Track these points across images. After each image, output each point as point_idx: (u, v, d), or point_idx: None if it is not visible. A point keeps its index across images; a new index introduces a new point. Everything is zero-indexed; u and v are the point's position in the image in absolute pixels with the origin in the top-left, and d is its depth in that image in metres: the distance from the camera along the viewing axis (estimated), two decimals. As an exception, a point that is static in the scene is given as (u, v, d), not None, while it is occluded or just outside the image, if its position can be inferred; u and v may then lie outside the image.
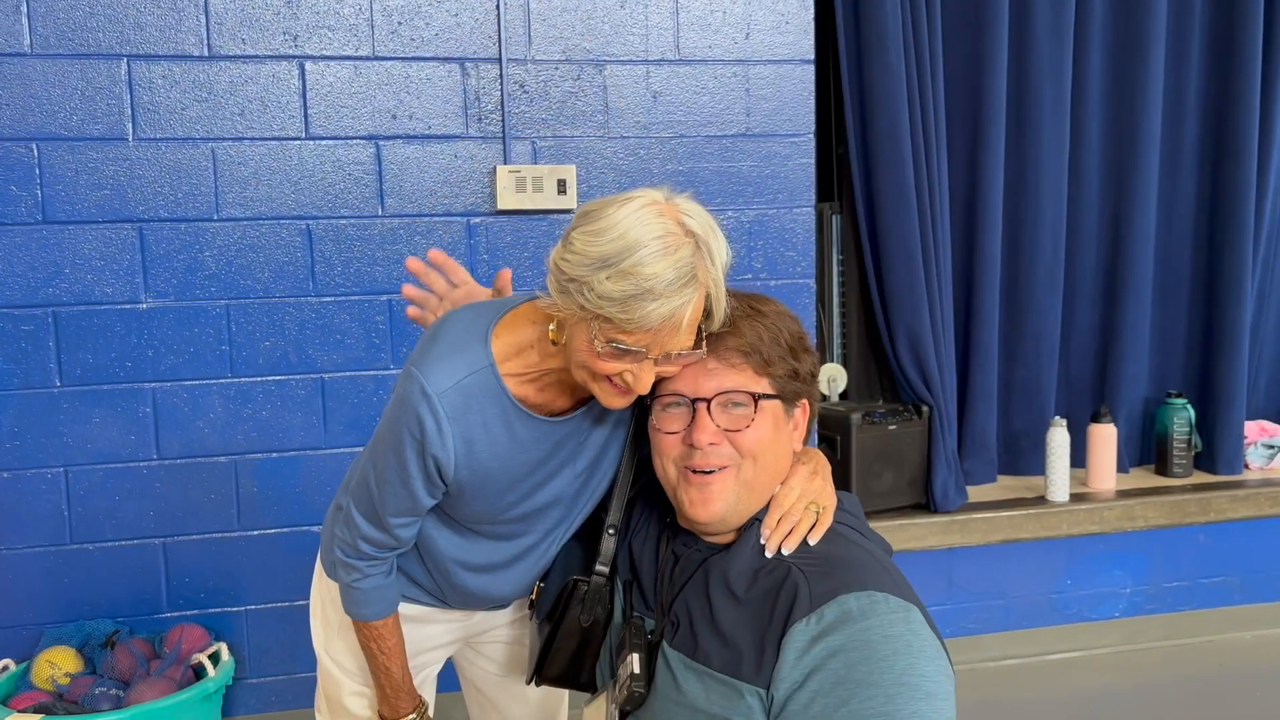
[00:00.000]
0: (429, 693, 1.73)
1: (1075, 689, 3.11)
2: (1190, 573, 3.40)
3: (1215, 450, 3.47)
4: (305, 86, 2.64)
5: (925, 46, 3.03)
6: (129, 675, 2.46)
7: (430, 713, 1.73)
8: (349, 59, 2.66)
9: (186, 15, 2.57)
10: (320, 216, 2.68)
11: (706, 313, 1.27)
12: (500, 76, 2.73)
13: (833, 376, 3.27)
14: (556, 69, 2.76)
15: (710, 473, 1.28)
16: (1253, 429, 3.58)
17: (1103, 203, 3.40)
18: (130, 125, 2.57)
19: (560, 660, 1.50)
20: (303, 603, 2.76)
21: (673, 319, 1.20)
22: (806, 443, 1.40)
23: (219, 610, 2.73)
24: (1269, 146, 3.39)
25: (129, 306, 2.61)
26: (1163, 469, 3.44)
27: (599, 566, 1.46)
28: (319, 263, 2.69)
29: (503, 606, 1.69)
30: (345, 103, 2.67)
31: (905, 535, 3.01)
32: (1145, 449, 3.57)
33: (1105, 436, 3.28)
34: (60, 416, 2.60)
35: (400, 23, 2.67)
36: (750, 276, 2.90)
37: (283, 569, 2.75)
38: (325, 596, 1.64)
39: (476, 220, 2.75)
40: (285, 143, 2.65)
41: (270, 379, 2.69)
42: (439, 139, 2.72)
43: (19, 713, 2.29)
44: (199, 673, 2.51)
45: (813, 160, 2.95)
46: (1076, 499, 3.19)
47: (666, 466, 1.32)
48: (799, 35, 2.90)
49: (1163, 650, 3.35)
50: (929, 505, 3.12)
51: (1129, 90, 3.31)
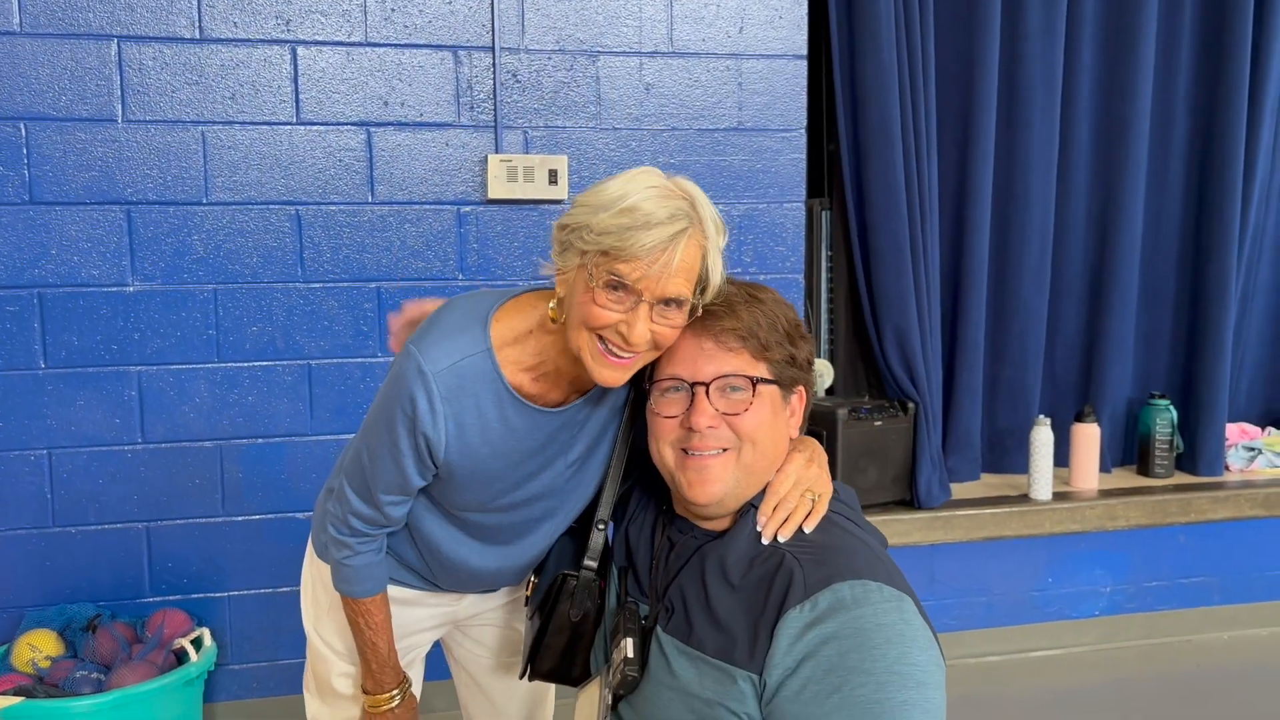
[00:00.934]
0: (417, 672, 1.74)
1: (1054, 686, 3.14)
2: (1170, 573, 3.43)
3: (1197, 451, 3.50)
4: (297, 71, 2.63)
5: (917, 44, 3.04)
6: (110, 659, 2.45)
7: (415, 690, 1.74)
8: (341, 44, 2.65)
9: (178, -3, 2.56)
10: (310, 202, 2.67)
11: (702, 285, 1.28)
12: (493, 65, 2.72)
13: (819, 372, 3.28)
14: (550, 59, 2.76)
15: (709, 455, 1.28)
16: (1234, 431, 3.60)
17: (1091, 204, 3.42)
18: (119, 107, 2.56)
19: (551, 655, 1.51)
20: (286, 589, 2.75)
21: (667, 251, 1.23)
22: (800, 432, 1.41)
23: (202, 595, 2.73)
24: (1255, 151, 3.42)
25: (115, 289, 2.60)
26: (1145, 469, 3.47)
27: (587, 561, 1.47)
28: (308, 249, 2.68)
29: (492, 591, 1.69)
30: (337, 88, 2.66)
31: (889, 531, 3.02)
32: (1128, 449, 3.59)
33: (1089, 436, 3.30)
34: (44, 399, 2.58)
35: (393, 9, 2.66)
36: (740, 271, 2.91)
37: (267, 555, 2.74)
38: (316, 578, 1.64)
39: (467, 209, 2.74)
40: (276, 127, 2.64)
41: (257, 364, 2.68)
42: (430, 127, 2.71)
43: (-1, 695, 2.29)
44: (181, 658, 2.50)
45: (804, 155, 2.96)
46: (1059, 498, 3.21)
47: (664, 450, 1.33)
48: (792, 30, 2.90)
49: (1141, 649, 3.38)
50: (913, 501, 3.14)
51: (1118, 92, 3.32)
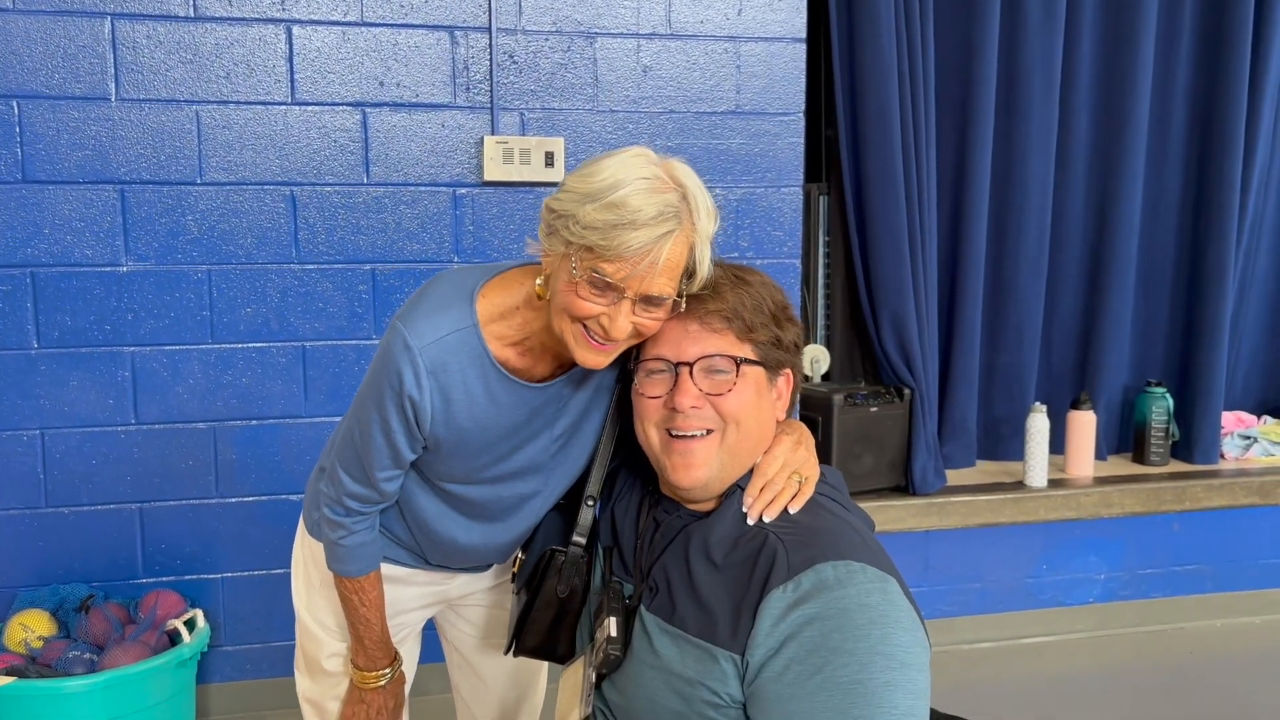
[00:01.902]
0: (409, 650, 1.74)
1: (1048, 673, 3.14)
2: (1164, 560, 3.44)
3: (1192, 440, 3.50)
4: (292, 51, 2.61)
5: (917, 30, 3.03)
6: (103, 640, 2.45)
7: (410, 668, 1.74)
8: (337, 24, 2.63)
9: (172, -25, 2.54)
10: (305, 183, 2.65)
11: (689, 272, 1.27)
12: (489, 46, 2.71)
13: (815, 357, 3.28)
14: (546, 40, 2.74)
15: (693, 437, 1.28)
16: (1230, 419, 3.61)
17: (1089, 191, 3.41)
18: (113, 85, 2.54)
19: (538, 631, 1.51)
20: (280, 571, 2.75)
21: (652, 252, 1.21)
22: (789, 416, 1.40)
23: (195, 577, 2.72)
24: (1255, 139, 3.41)
25: (109, 269, 2.58)
26: (1140, 457, 3.47)
27: (576, 537, 1.47)
28: (302, 230, 2.66)
29: (482, 569, 1.69)
30: (332, 68, 2.64)
31: (883, 517, 3.02)
32: (1124, 437, 3.59)
33: (1084, 423, 3.30)
34: (37, 378, 2.57)
35: (390, -11, 2.65)
36: (736, 255, 2.90)
37: (260, 537, 2.74)
38: (308, 555, 1.64)
39: (462, 191, 2.73)
40: (270, 107, 2.62)
41: (251, 346, 2.67)
42: (426, 108, 2.70)
43: (-9, 675, 2.28)
44: (174, 639, 2.50)
45: (802, 140, 2.94)
46: (1054, 485, 3.22)
47: (649, 431, 1.33)
48: (791, 13, 2.89)
49: (1135, 636, 3.39)
50: (908, 488, 3.14)
51: (1118, 79, 3.31)
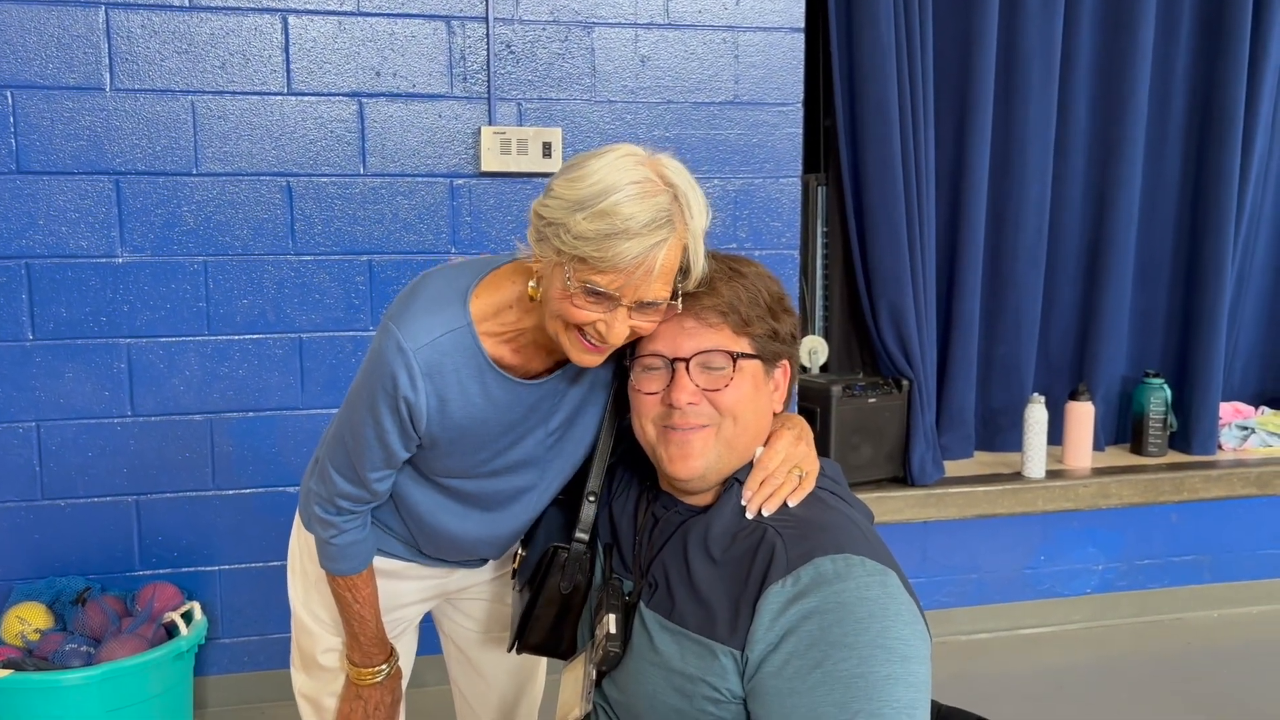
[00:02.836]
0: (406, 645, 1.73)
1: (1045, 663, 3.15)
2: (1162, 551, 3.44)
3: (1190, 430, 3.50)
4: (288, 40, 2.60)
5: (916, 20, 3.02)
6: (100, 632, 2.44)
7: (407, 663, 1.73)
8: (333, 14, 2.61)
9: (167, -36, 2.52)
10: (301, 174, 2.64)
11: (684, 270, 1.26)
12: (487, 36, 2.69)
13: (814, 348, 3.27)
14: (544, 30, 2.73)
15: (690, 430, 1.27)
16: (1227, 410, 3.61)
17: (1087, 182, 3.40)
18: (108, 75, 2.52)
19: (541, 628, 1.50)
20: (277, 563, 2.74)
21: (646, 260, 1.20)
22: (787, 407, 1.40)
23: (192, 569, 2.72)
24: (1254, 130, 3.40)
25: (104, 260, 2.57)
26: (1138, 448, 3.47)
27: (578, 533, 1.46)
28: (299, 221, 2.65)
29: (478, 564, 1.68)
30: (328, 58, 2.62)
31: (882, 508, 3.02)
32: (1122, 428, 3.59)
33: (1082, 414, 3.30)
34: (32, 370, 2.56)
35: (386, -22, 2.63)
36: (735, 246, 2.89)
37: (257, 529, 2.73)
38: (303, 550, 1.63)
39: (460, 182, 2.72)
40: (266, 98, 2.61)
41: (248, 337, 2.66)
42: (423, 98, 2.68)
43: (-12, 667, 2.28)
44: (171, 631, 2.49)
45: (800, 130, 2.93)
46: (1052, 476, 3.21)
47: (646, 427, 1.32)
48: (789, 3, 2.87)
49: (1132, 627, 3.39)
50: (906, 479, 3.14)
51: (1117, 70, 3.30)
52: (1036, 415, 3.18)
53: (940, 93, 3.18)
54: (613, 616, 1.32)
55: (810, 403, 3.06)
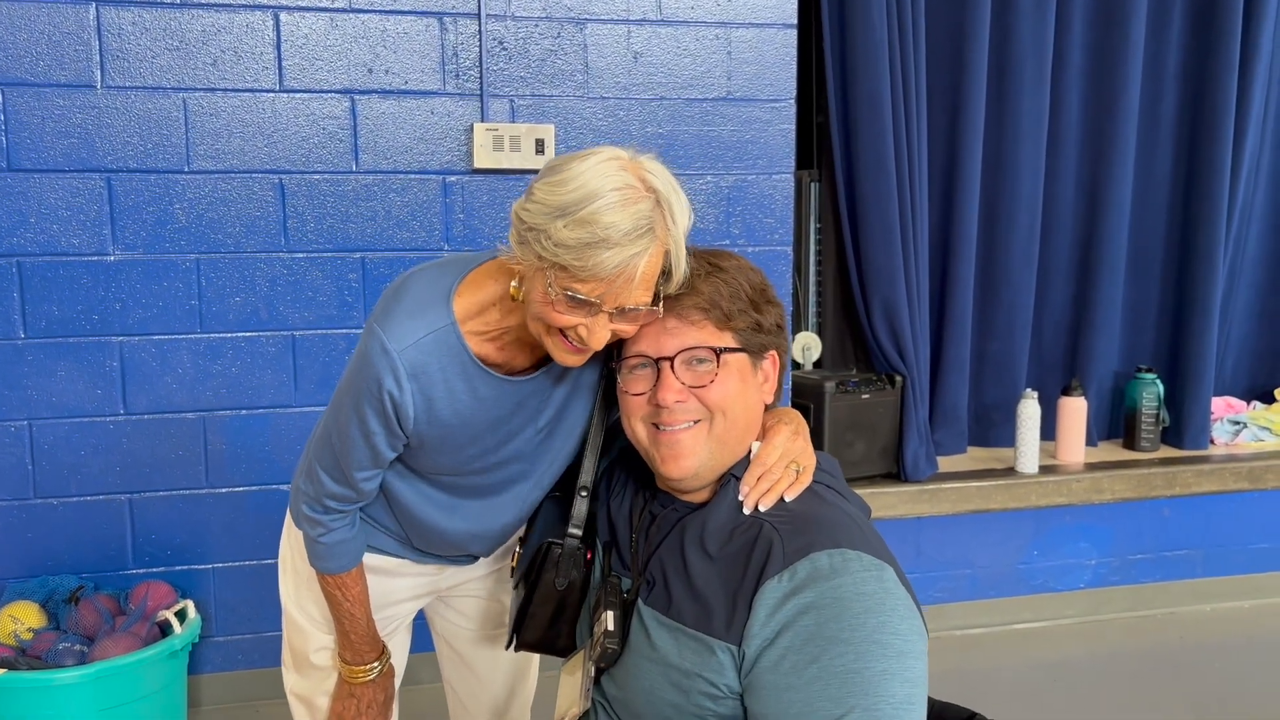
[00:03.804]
0: (400, 642, 1.73)
1: (1039, 658, 3.15)
2: (1155, 546, 3.45)
3: (1182, 425, 3.51)
4: (280, 37, 2.59)
5: (908, 15, 3.02)
6: (93, 631, 2.44)
7: (400, 660, 1.73)
8: (325, 10, 2.61)
9: (158, -40, 2.51)
10: (293, 171, 2.64)
11: (665, 273, 1.26)
12: (479, 32, 2.69)
13: (807, 345, 3.27)
14: (536, 26, 2.73)
15: (680, 429, 1.28)
16: (1219, 405, 3.62)
17: (1079, 177, 3.41)
18: (99, 72, 2.52)
19: (537, 625, 1.50)
20: (271, 561, 2.74)
21: (627, 269, 1.20)
22: (779, 397, 1.40)
23: (186, 568, 2.71)
24: (1245, 125, 3.41)
25: (96, 258, 2.56)
26: (1131, 443, 3.48)
27: (571, 529, 1.46)
28: (291, 218, 2.65)
29: (470, 560, 1.68)
30: (320, 55, 2.62)
31: (875, 504, 3.02)
32: (1114, 423, 3.60)
33: (1075, 410, 3.31)
34: (24, 369, 2.56)
35: (378, -25, 2.62)
36: (728, 243, 2.89)
37: (251, 527, 2.73)
38: (295, 548, 1.63)
39: (452, 179, 2.71)
40: (258, 95, 2.60)
41: (240, 335, 2.66)
42: (415, 95, 2.68)
43: (-20, 667, 2.27)
44: (165, 630, 2.49)
45: (793, 126, 2.93)
46: (1045, 471, 3.22)
47: (636, 427, 1.32)
48: (782, -1, 2.87)
49: (1126, 621, 3.40)
50: (900, 474, 3.14)
51: (1108, 66, 3.31)
52: (1029, 411, 3.18)
53: (933, 88, 3.18)
54: (610, 614, 1.32)
55: (804, 399, 3.06)
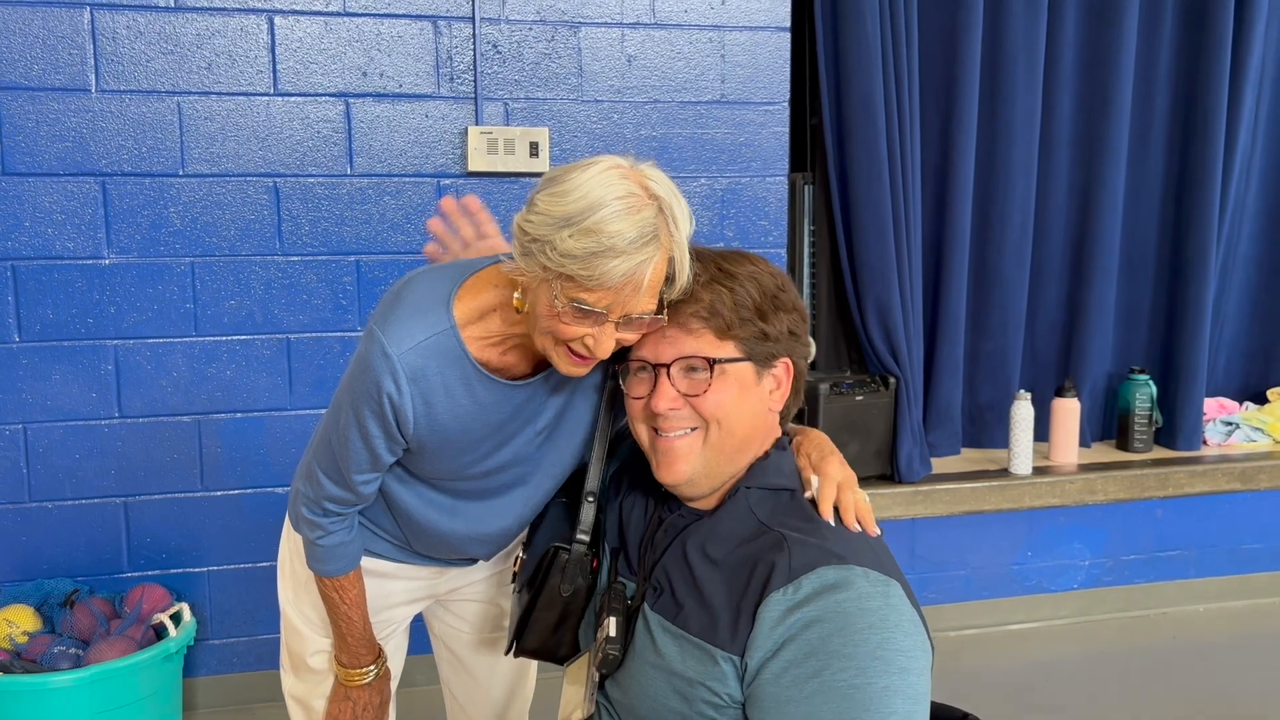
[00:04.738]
0: (397, 646, 1.73)
1: (1032, 659, 3.16)
2: (1148, 546, 3.46)
3: (1175, 426, 3.51)
4: (274, 41, 2.60)
5: (901, 17, 3.02)
6: (89, 634, 2.44)
7: (397, 663, 1.73)
8: (319, 14, 2.61)
9: (152, -36, 2.52)
10: (288, 175, 2.64)
11: (669, 278, 1.26)
12: (473, 36, 2.69)
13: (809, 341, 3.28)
14: (530, 29, 2.73)
15: (677, 436, 1.28)
16: (1212, 406, 3.63)
17: (1072, 177, 3.41)
18: (93, 76, 2.52)
19: (539, 631, 1.49)
20: (266, 564, 2.74)
21: (634, 277, 1.20)
22: (796, 403, 1.39)
23: (181, 571, 2.71)
24: (1236, 126, 3.42)
25: (91, 262, 2.56)
26: (1124, 444, 3.48)
27: (579, 535, 1.46)
28: (286, 221, 2.65)
29: (469, 563, 1.68)
30: (315, 59, 2.62)
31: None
32: (1108, 424, 3.61)
33: (1068, 411, 3.32)
34: (19, 372, 2.56)
35: (372, -22, 2.63)
36: (721, 245, 2.89)
37: (246, 530, 2.73)
38: (293, 552, 1.63)
39: (447, 182, 2.72)
40: (253, 98, 2.60)
41: (235, 338, 2.66)
42: (410, 98, 2.68)
43: (-24, 671, 2.27)
44: (160, 633, 2.49)
45: (787, 129, 2.94)
46: (1039, 472, 3.23)
47: (639, 430, 1.33)
48: (775, 2, 2.88)
49: (1119, 622, 3.41)
50: (894, 476, 3.15)
51: (1100, 66, 3.32)
52: (1023, 412, 3.19)
53: (926, 91, 3.19)
54: (613, 620, 1.32)
55: (798, 401, 3.07)
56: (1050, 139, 3.35)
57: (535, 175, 2.72)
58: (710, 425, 1.28)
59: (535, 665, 1.87)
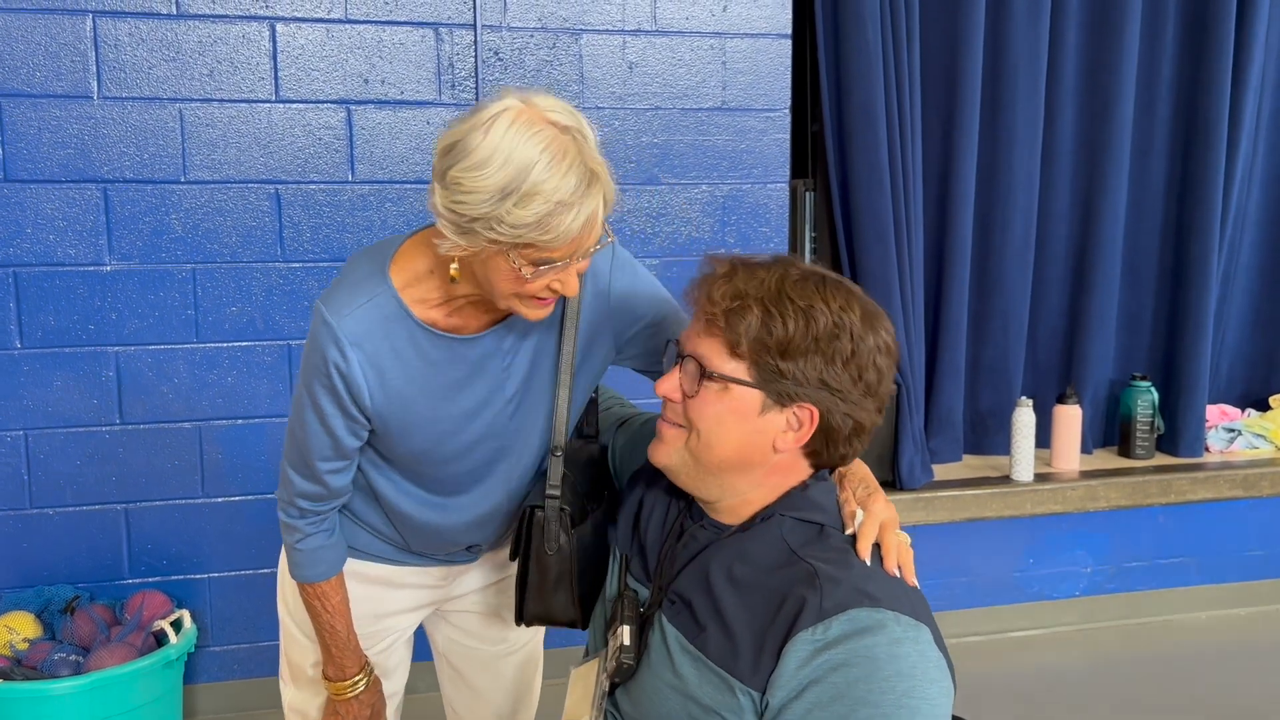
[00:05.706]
0: (403, 656, 1.72)
1: (1034, 666, 3.16)
2: (1150, 553, 3.45)
3: (1177, 433, 3.51)
4: (276, 48, 2.60)
5: (902, 24, 3.03)
6: (89, 641, 2.44)
7: (402, 674, 1.73)
8: (321, 21, 2.61)
9: (154, -28, 2.52)
10: (289, 181, 2.64)
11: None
12: (474, 43, 2.70)
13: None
14: (532, 37, 2.73)
15: (667, 422, 1.28)
16: (1214, 412, 3.62)
17: (1074, 184, 3.41)
18: (95, 83, 2.52)
19: (537, 595, 1.49)
20: (266, 571, 2.74)
21: (589, 219, 1.22)
22: (833, 450, 1.27)
23: (182, 577, 2.71)
24: (1238, 132, 3.42)
25: (92, 268, 2.57)
26: (1125, 450, 3.48)
27: (549, 490, 1.46)
28: (287, 228, 2.65)
29: (470, 557, 1.66)
30: (316, 66, 2.63)
31: (871, 512, 3.02)
32: (1109, 430, 3.60)
33: (1070, 417, 3.31)
34: (20, 379, 2.56)
35: (374, -15, 2.63)
36: (722, 252, 2.89)
37: (247, 537, 2.73)
38: (291, 562, 1.63)
39: (448, 188, 2.72)
40: (255, 105, 2.61)
41: (236, 345, 2.66)
42: (411, 105, 2.69)
43: (-24, 677, 2.27)
44: (161, 639, 2.49)
45: (788, 136, 2.94)
46: (1040, 479, 3.22)
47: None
48: (776, 9, 2.88)
49: (1121, 629, 3.40)
50: (895, 483, 3.14)
51: (1103, 72, 3.32)
52: (1024, 418, 3.19)
53: (927, 97, 3.19)
54: (627, 629, 1.30)
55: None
56: (1052, 146, 3.35)
57: (536, 182, 2.72)
58: (691, 431, 1.25)
59: (540, 678, 1.85)
